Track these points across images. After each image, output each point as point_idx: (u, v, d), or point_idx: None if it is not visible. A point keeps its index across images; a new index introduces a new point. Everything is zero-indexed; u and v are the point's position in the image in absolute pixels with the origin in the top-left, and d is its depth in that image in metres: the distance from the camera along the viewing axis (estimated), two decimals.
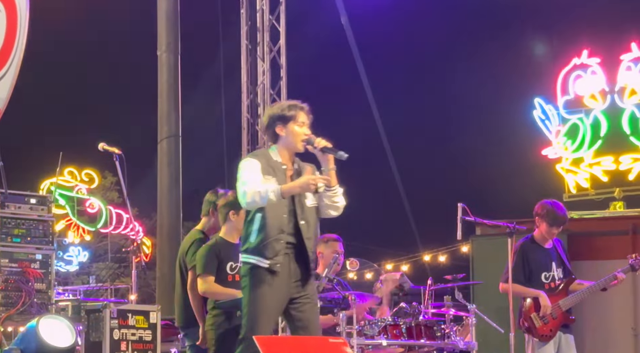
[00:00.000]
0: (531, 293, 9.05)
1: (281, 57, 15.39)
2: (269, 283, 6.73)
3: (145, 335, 7.82)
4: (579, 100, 14.89)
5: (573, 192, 14.56)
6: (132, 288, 8.61)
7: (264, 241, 6.76)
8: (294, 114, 6.94)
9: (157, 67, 14.21)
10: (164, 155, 14.01)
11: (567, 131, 14.82)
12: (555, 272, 9.19)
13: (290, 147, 6.95)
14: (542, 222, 9.17)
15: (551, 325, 9.02)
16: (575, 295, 9.17)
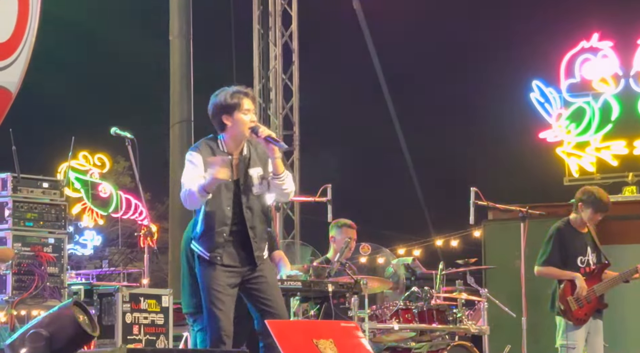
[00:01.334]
0: (567, 275, 9.06)
1: (293, 41, 15.39)
2: (214, 273, 6.75)
3: (157, 318, 7.84)
4: (587, 84, 14.79)
5: (575, 176, 14.48)
6: (145, 272, 8.62)
7: (206, 233, 6.79)
8: (237, 101, 6.83)
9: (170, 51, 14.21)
10: (176, 140, 14.02)
11: (570, 114, 14.73)
12: (590, 257, 9.21)
13: (237, 135, 6.86)
14: (588, 208, 9.15)
15: (586, 309, 9.04)
16: (607, 282, 9.19)
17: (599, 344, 9.11)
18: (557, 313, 9.06)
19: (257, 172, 6.89)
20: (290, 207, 15.21)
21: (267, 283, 6.85)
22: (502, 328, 10.05)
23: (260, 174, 6.89)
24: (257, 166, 6.89)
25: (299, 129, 15.46)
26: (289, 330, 5.87)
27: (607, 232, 12.14)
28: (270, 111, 15.36)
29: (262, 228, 6.93)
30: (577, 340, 8.99)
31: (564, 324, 9.04)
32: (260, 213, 6.91)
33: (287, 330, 5.83)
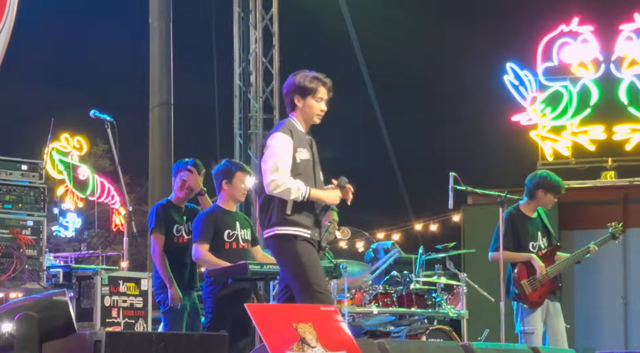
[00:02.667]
0: (522, 257, 9.09)
1: (274, 25, 15.36)
2: (314, 249, 6.88)
3: (136, 302, 7.83)
4: (565, 68, 14.81)
5: (549, 160, 14.51)
6: (124, 255, 8.60)
7: (302, 212, 6.84)
8: (314, 87, 6.97)
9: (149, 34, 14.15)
10: (155, 123, 13.97)
11: (546, 98, 14.75)
12: (541, 241, 9.24)
13: (306, 119, 7.00)
14: (547, 194, 9.18)
15: (540, 292, 9.06)
16: (559, 264, 9.22)
17: (560, 326, 9.14)
18: (513, 298, 9.10)
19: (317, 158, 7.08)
20: None
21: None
22: (481, 313, 10.10)
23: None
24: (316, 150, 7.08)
25: (279, 113, 15.44)
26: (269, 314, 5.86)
27: (584, 216, 12.24)
28: (251, 95, 15.33)
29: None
30: (534, 324, 9.02)
31: (520, 309, 9.08)
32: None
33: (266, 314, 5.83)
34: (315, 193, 6.82)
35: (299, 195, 6.75)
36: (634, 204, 12.47)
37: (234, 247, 8.04)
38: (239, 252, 8.03)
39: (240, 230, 8.12)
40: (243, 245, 8.10)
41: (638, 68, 14.68)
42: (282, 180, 6.74)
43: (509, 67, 14.88)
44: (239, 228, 8.12)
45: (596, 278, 12.20)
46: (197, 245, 7.98)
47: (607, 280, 12.38)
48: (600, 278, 12.27)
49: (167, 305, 8.32)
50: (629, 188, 13.07)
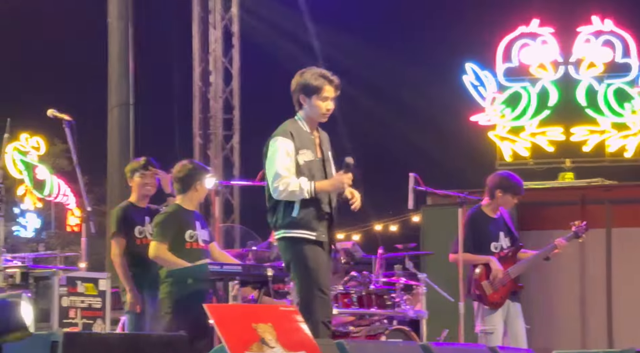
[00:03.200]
0: (481, 260, 9.11)
1: (233, 24, 15.34)
2: (318, 253, 6.77)
3: (94, 302, 7.79)
4: (525, 69, 14.91)
5: (508, 160, 14.60)
6: (82, 255, 8.55)
7: (308, 214, 6.76)
8: (319, 85, 6.82)
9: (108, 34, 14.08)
10: (114, 123, 13.91)
11: (506, 99, 14.84)
12: (503, 242, 9.26)
13: (312, 118, 6.88)
14: (506, 194, 9.20)
15: (501, 292, 9.08)
16: (522, 263, 9.25)
17: (520, 326, 9.17)
18: (473, 298, 9.13)
19: (330, 155, 6.99)
20: (230, 191, 15.19)
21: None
22: (440, 313, 10.12)
23: (331, 154, 6.98)
24: (329, 150, 6.99)
25: (239, 113, 15.41)
26: (228, 314, 5.85)
27: (542, 217, 12.31)
28: (210, 95, 15.30)
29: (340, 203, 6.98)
30: (494, 324, 9.05)
31: (481, 309, 9.11)
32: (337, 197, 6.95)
33: (225, 314, 5.81)
34: (321, 186, 6.73)
35: (305, 193, 6.67)
36: (591, 205, 12.56)
37: (194, 247, 8.04)
38: (199, 252, 8.02)
39: (200, 230, 8.11)
40: (203, 245, 8.10)
41: (596, 70, 14.81)
42: (284, 186, 6.68)
43: (468, 67, 14.95)
44: (199, 228, 8.11)
45: (553, 278, 12.28)
46: (156, 244, 7.96)
47: (564, 279, 12.46)
48: (557, 278, 12.34)
49: None
50: (587, 189, 13.16)
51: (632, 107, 14.69)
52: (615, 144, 14.72)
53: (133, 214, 8.48)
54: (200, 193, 8.22)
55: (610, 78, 14.80)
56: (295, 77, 6.95)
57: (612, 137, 14.74)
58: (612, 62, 14.85)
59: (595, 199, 12.67)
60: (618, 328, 12.30)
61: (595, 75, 14.81)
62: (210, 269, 7.57)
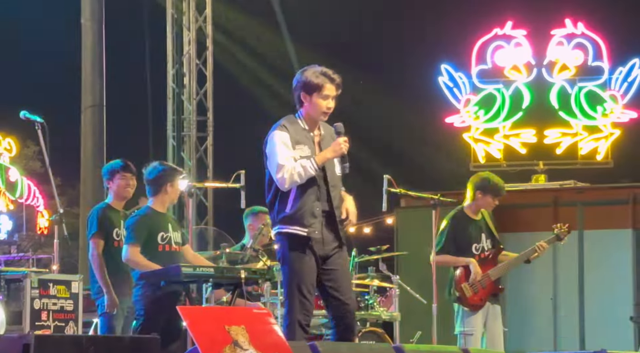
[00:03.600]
0: (462, 262, 9.12)
1: (207, 26, 15.31)
2: (307, 250, 6.72)
3: (66, 304, 7.77)
4: (499, 71, 14.95)
5: (481, 162, 14.64)
6: (54, 258, 8.51)
7: (300, 209, 6.72)
8: (320, 83, 6.77)
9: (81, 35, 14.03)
10: (87, 124, 13.86)
11: (480, 100, 14.87)
12: (485, 243, 9.27)
13: (312, 116, 6.84)
14: (486, 195, 9.22)
15: (481, 294, 9.10)
16: (502, 265, 9.27)
17: (498, 329, 9.20)
18: (454, 300, 9.14)
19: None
20: (204, 193, 15.15)
21: (339, 270, 6.82)
22: (413, 315, 10.14)
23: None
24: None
25: (212, 115, 15.39)
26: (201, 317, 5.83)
27: (516, 220, 12.35)
28: (184, 96, 15.27)
29: (341, 210, 6.89)
30: (474, 326, 9.07)
31: (461, 311, 9.12)
32: (340, 194, 6.89)
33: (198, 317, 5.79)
34: (322, 158, 6.69)
35: (310, 169, 6.63)
36: (564, 207, 12.61)
37: (167, 249, 8.00)
38: (171, 254, 7.99)
39: (173, 232, 8.08)
40: (175, 247, 8.07)
41: (568, 73, 14.88)
42: (288, 173, 6.64)
43: (443, 68, 14.97)
44: (171, 230, 8.08)
45: (527, 280, 12.32)
46: (129, 246, 7.93)
47: (537, 282, 12.51)
48: (530, 280, 12.39)
49: (104, 308, 8.27)
50: (560, 192, 13.21)
51: (604, 110, 14.77)
52: (587, 146, 14.80)
53: (112, 216, 8.44)
54: (172, 195, 8.17)
55: (582, 81, 14.87)
56: (296, 75, 6.93)
57: (584, 139, 14.81)
58: (584, 65, 14.92)
59: (567, 201, 12.72)
60: (590, 330, 12.36)
61: (567, 78, 14.87)
62: (183, 271, 7.55)
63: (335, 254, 6.81)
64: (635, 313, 12.29)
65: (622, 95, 14.86)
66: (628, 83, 14.88)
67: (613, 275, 12.44)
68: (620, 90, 14.90)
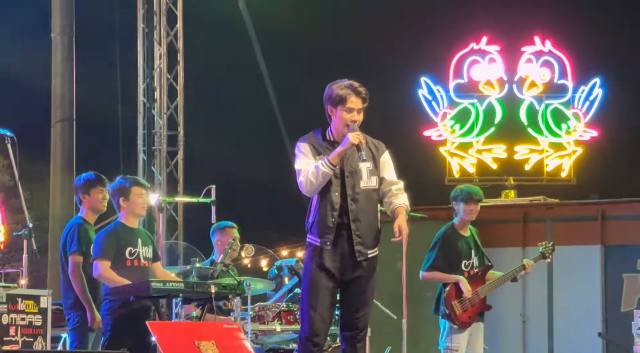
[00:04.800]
0: (452, 279, 9.13)
1: (178, 41, 15.30)
2: (320, 262, 6.74)
3: (35, 320, 7.69)
4: (474, 86, 15.03)
5: (455, 176, 14.70)
6: (23, 272, 8.45)
7: (317, 220, 6.76)
8: (343, 96, 6.77)
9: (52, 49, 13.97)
10: (57, 139, 13.79)
11: (455, 115, 14.94)
12: (474, 260, 9.30)
13: (338, 129, 6.85)
14: (459, 204, 9.23)
15: (470, 312, 9.12)
16: (491, 283, 9.29)
17: (479, 346, 9.23)
18: (442, 316, 9.16)
19: (366, 166, 6.86)
20: (174, 208, 15.11)
21: (359, 288, 6.84)
22: (383, 330, 10.12)
23: (369, 168, 6.86)
24: (368, 160, 6.85)
25: (183, 129, 15.36)
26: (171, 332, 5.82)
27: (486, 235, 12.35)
28: (155, 111, 15.23)
29: (368, 224, 6.85)
30: (460, 342, 9.09)
31: (449, 327, 9.14)
32: (368, 208, 6.85)
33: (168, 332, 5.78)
34: (334, 155, 6.68)
35: (323, 167, 6.65)
36: (533, 223, 12.66)
37: (136, 264, 7.97)
38: (140, 269, 7.95)
39: (142, 248, 8.04)
40: (144, 262, 8.03)
41: (536, 90, 14.98)
42: (304, 176, 6.70)
43: (423, 81, 15.01)
44: (140, 245, 8.04)
45: (496, 297, 12.33)
46: (98, 262, 7.88)
47: (507, 298, 12.54)
48: (500, 296, 12.40)
49: (75, 323, 8.21)
50: (529, 208, 13.27)
51: (568, 128, 14.91)
52: (552, 163, 14.93)
53: (89, 231, 8.38)
54: (133, 207, 8.10)
55: (548, 98, 15.01)
56: (325, 89, 6.95)
57: (549, 156, 14.93)
58: (551, 82, 15.08)
59: (537, 217, 12.78)
60: (559, 346, 12.42)
61: (535, 95, 15.00)
62: (152, 286, 7.52)
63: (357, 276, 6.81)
64: (604, 329, 12.34)
65: (584, 114, 15.01)
66: (590, 102, 15.06)
67: (582, 291, 12.50)
68: (582, 108, 15.04)
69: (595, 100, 14.96)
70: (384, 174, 6.96)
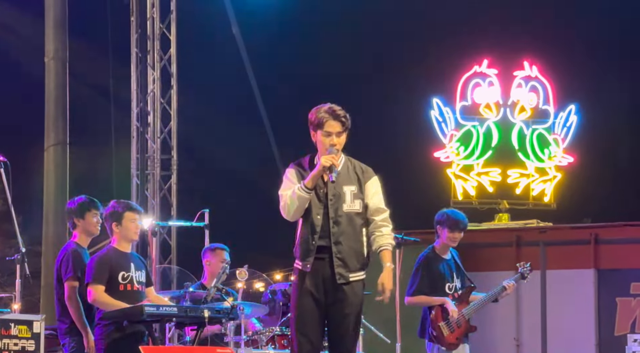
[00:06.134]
0: (437, 301, 9.15)
1: (172, 65, 15.32)
2: (304, 286, 6.75)
3: (28, 345, 7.67)
4: (476, 108, 15.14)
5: (459, 199, 14.78)
6: (16, 297, 8.43)
7: (299, 243, 6.79)
8: (322, 119, 6.79)
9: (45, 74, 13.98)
10: (50, 163, 13.78)
11: (460, 137, 15.03)
12: (456, 282, 9.31)
13: (321, 152, 6.87)
14: (444, 229, 9.25)
15: (457, 333, 9.14)
16: (475, 304, 9.32)
17: None
18: (429, 339, 9.16)
19: (350, 189, 6.84)
20: (167, 232, 15.10)
21: (342, 312, 6.79)
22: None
23: (354, 191, 6.85)
24: (352, 184, 6.85)
25: (177, 154, 15.37)
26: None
27: (478, 259, 12.40)
28: (148, 135, 15.23)
29: (351, 247, 6.83)
30: None
31: (436, 349, 9.15)
32: (351, 232, 6.83)
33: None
34: (309, 178, 6.71)
35: (298, 190, 6.68)
36: (526, 247, 12.68)
37: (129, 289, 7.95)
38: (133, 294, 7.94)
39: (135, 272, 8.04)
40: (138, 287, 8.02)
41: (525, 114, 15.10)
42: (283, 201, 6.76)
43: (435, 102, 15.10)
44: (133, 269, 8.03)
45: (490, 320, 12.34)
46: (92, 287, 7.86)
47: (500, 321, 12.54)
48: (493, 319, 12.42)
49: (71, 349, 8.19)
50: (522, 231, 13.29)
51: (550, 153, 15.04)
52: (537, 188, 15.07)
53: (82, 256, 8.36)
54: (126, 232, 8.08)
55: (534, 123, 15.17)
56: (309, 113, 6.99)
57: (535, 181, 15.07)
58: (537, 107, 15.22)
59: (530, 241, 12.80)
60: None
61: (524, 119, 15.13)
62: (146, 311, 7.51)
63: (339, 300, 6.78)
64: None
65: (562, 139, 15.15)
66: (567, 128, 15.20)
67: (575, 315, 12.50)
68: (561, 134, 15.19)
69: (571, 126, 15.16)
70: (369, 200, 6.93)
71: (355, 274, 6.88)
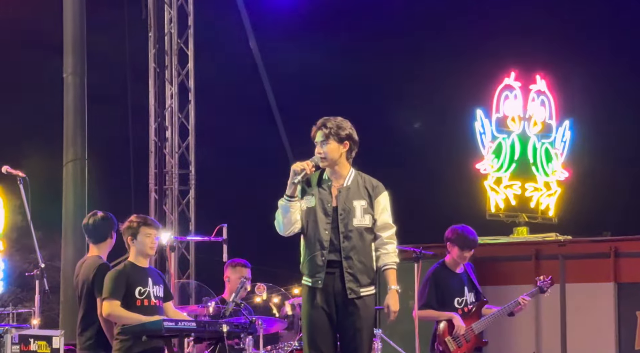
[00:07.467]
0: (444, 316, 9.13)
1: (190, 80, 15.36)
2: (314, 301, 6.75)
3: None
4: (505, 121, 15.24)
5: (492, 211, 14.89)
6: (35, 312, 8.45)
7: (307, 259, 6.80)
8: (312, 133, 6.95)
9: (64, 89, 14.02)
10: (69, 179, 13.80)
11: (495, 149, 15.11)
12: (468, 297, 9.27)
13: (324, 166, 6.97)
14: (454, 247, 9.24)
15: (465, 348, 9.11)
16: (486, 319, 9.27)
17: None
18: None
19: (360, 204, 6.86)
20: (186, 247, 15.11)
21: (354, 327, 6.79)
22: None
23: (364, 206, 6.86)
24: (362, 199, 6.87)
25: (194, 168, 15.39)
26: None
27: (497, 272, 12.35)
28: (166, 150, 15.26)
29: (361, 262, 6.83)
30: None
31: None
32: (361, 247, 6.84)
33: None
34: (288, 186, 6.80)
35: (281, 204, 6.82)
36: (545, 260, 12.62)
37: (146, 304, 7.92)
38: (150, 309, 7.92)
39: (153, 287, 8.02)
40: (155, 302, 8.00)
41: (537, 128, 15.17)
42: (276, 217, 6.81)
43: (478, 114, 15.15)
44: (151, 284, 8.01)
45: (509, 334, 12.29)
46: (107, 301, 7.84)
47: (519, 335, 12.48)
48: (512, 333, 12.36)
49: None
50: (541, 245, 13.24)
51: (552, 168, 15.11)
52: (544, 201, 15.15)
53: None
54: (141, 247, 8.06)
55: (543, 137, 15.24)
56: None
57: (543, 195, 15.15)
58: (545, 122, 15.32)
59: (549, 255, 12.74)
60: None
61: (536, 133, 15.22)
62: (165, 325, 7.51)
63: (351, 314, 6.77)
64: None
65: (561, 154, 15.26)
66: (563, 143, 15.29)
67: (595, 329, 12.43)
68: (560, 149, 15.31)
69: (566, 142, 15.28)
70: (377, 216, 6.94)
71: (366, 289, 6.89)
